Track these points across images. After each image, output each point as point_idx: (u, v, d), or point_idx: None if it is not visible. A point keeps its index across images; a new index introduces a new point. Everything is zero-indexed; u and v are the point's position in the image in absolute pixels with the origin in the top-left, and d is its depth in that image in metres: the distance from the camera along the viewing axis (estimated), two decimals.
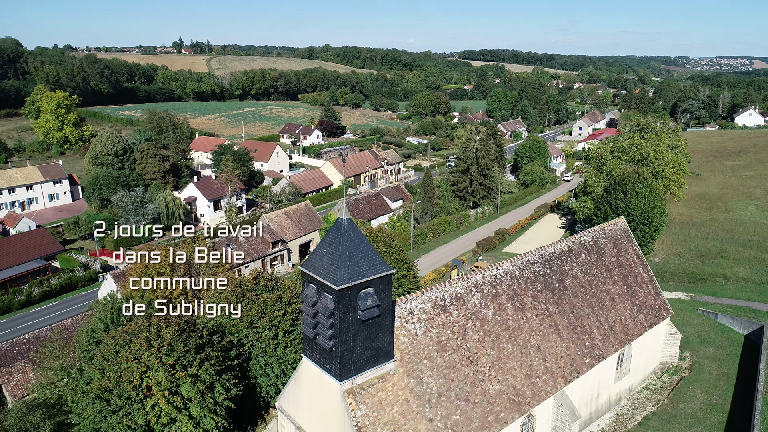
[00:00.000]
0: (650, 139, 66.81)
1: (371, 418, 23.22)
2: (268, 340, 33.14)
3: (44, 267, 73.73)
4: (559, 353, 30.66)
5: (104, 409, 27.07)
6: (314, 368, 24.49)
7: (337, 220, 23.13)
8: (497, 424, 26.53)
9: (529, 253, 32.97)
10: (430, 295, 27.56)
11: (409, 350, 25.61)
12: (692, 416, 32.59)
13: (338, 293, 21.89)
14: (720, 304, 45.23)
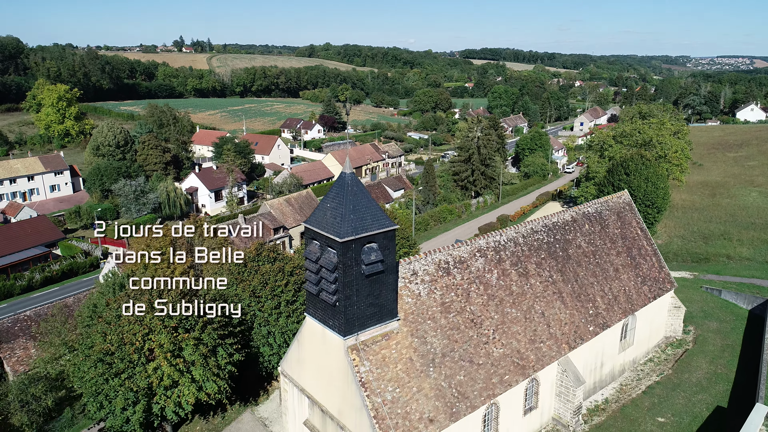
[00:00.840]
0: (653, 124, 66.61)
1: (375, 374, 23.06)
2: (270, 310, 32.98)
3: (45, 254, 73.64)
4: (563, 320, 30.49)
5: (106, 372, 26.93)
6: (317, 326, 24.34)
7: (340, 175, 22.99)
8: (501, 386, 26.37)
9: (532, 221, 32.83)
10: (433, 258, 27.41)
11: (413, 310, 25.46)
12: (697, 385, 32.41)
13: (342, 246, 21.73)
14: (723, 281, 45.08)
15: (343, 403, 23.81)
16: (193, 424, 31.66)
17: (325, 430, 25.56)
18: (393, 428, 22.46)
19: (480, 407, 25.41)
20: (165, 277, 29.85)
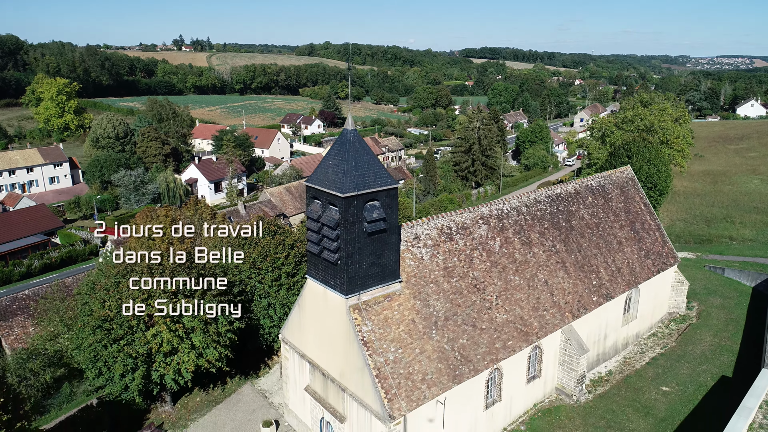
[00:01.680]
0: (654, 110, 66.36)
1: (377, 334, 22.78)
2: (270, 282, 32.66)
3: (44, 242, 73.34)
4: (566, 289, 30.21)
5: (104, 338, 26.59)
6: (319, 288, 24.06)
7: (342, 132, 22.71)
8: (504, 351, 26.09)
9: (535, 192, 32.56)
10: (436, 223, 27.14)
11: (416, 273, 25.18)
12: (701, 356, 32.12)
13: (344, 202, 21.46)
14: (727, 260, 44.80)
15: (345, 364, 23.53)
16: (193, 396, 31.35)
17: (327, 394, 25.27)
18: (395, 388, 22.17)
19: (483, 371, 25.11)
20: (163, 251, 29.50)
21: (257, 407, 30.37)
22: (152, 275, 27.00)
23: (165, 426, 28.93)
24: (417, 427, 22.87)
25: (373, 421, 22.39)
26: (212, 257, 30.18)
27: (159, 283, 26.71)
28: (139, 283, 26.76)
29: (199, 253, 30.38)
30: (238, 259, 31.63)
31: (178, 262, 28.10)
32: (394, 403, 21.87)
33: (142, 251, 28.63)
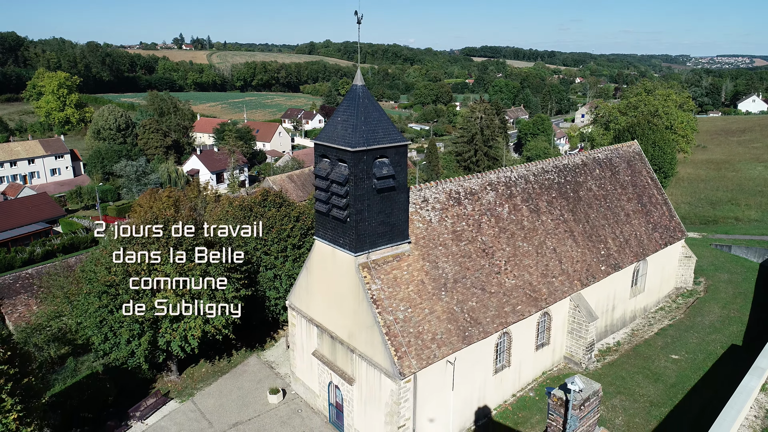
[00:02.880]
0: (658, 96, 66.18)
1: (386, 293, 22.57)
2: (276, 253, 32.46)
3: (46, 230, 73.12)
4: (575, 257, 30.01)
5: (110, 303, 26.38)
6: (327, 248, 23.85)
7: (351, 87, 22.50)
8: (514, 315, 25.87)
9: (542, 162, 32.37)
10: (444, 187, 26.95)
11: (424, 235, 24.98)
12: (710, 327, 31.91)
13: (353, 157, 21.26)
14: (733, 239, 44.58)
15: (353, 324, 23.31)
16: (199, 367, 31.14)
17: (335, 357, 25.05)
18: (405, 346, 21.95)
19: (493, 334, 24.89)
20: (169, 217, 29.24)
21: (263, 377, 30.16)
22: (158, 240, 26.77)
23: (171, 394, 28.72)
24: (427, 387, 22.65)
25: (383, 380, 22.18)
26: (220, 232, 29.89)
27: (165, 254, 26.46)
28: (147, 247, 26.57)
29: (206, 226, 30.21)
30: (245, 232, 30.89)
31: (186, 233, 27.81)
32: (404, 360, 21.65)
33: (147, 225, 28.33)
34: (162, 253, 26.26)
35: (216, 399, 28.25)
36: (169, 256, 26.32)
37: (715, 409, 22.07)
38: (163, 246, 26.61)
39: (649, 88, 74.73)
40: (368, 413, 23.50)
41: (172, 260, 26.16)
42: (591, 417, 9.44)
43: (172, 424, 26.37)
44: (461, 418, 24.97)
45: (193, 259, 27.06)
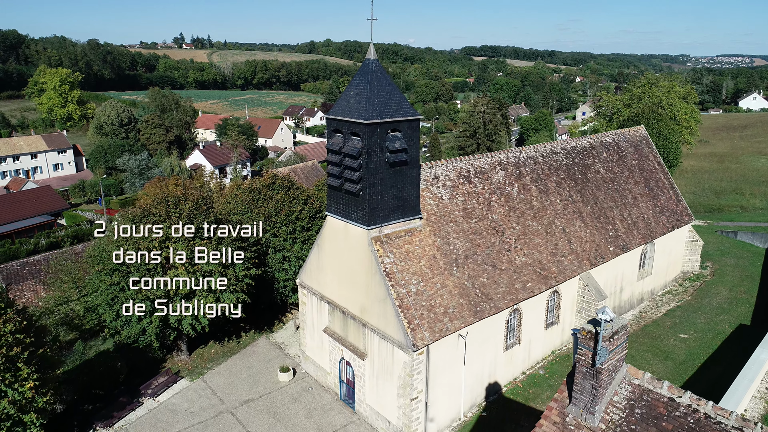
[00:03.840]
0: (662, 87, 66.29)
1: (399, 266, 22.66)
2: (285, 235, 32.55)
3: (50, 222, 73.19)
4: (583, 237, 30.11)
5: (122, 281, 26.45)
6: (339, 223, 23.95)
7: (364, 61, 22.60)
8: (524, 292, 25.97)
9: (550, 143, 32.48)
10: (454, 165, 27.07)
11: (435, 212, 25.08)
12: (718, 307, 32.01)
13: (367, 130, 21.36)
14: (739, 226, 44.67)
15: (366, 299, 23.39)
16: (208, 348, 31.22)
17: (347, 333, 25.13)
18: (418, 319, 22.04)
19: (504, 310, 24.99)
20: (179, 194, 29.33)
21: (273, 357, 30.25)
22: (169, 218, 26.87)
23: (181, 374, 28.79)
24: (439, 361, 22.73)
25: (395, 353, 22.26)
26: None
27: (176, 228, 26.54)
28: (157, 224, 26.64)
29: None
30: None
31: (195, 210, 27.93)
32: (417, 333, 21.74)
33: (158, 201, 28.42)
34: (173, 230, 26.31)
35: (226, 378, 28.34)
36: (180, 232, 26.40)
37: (726, 384, 22.24)
38: (175, 222, 26.68)
39: (652, 81, 74.86)
40: (380, 387, 23.59)
41: (182, 234, 26.22)
42: (619, 352, 9.53)
43: (184, 401, 26.46)
44: (472, 393, 25.06)
45: (203, 236, 27.14)
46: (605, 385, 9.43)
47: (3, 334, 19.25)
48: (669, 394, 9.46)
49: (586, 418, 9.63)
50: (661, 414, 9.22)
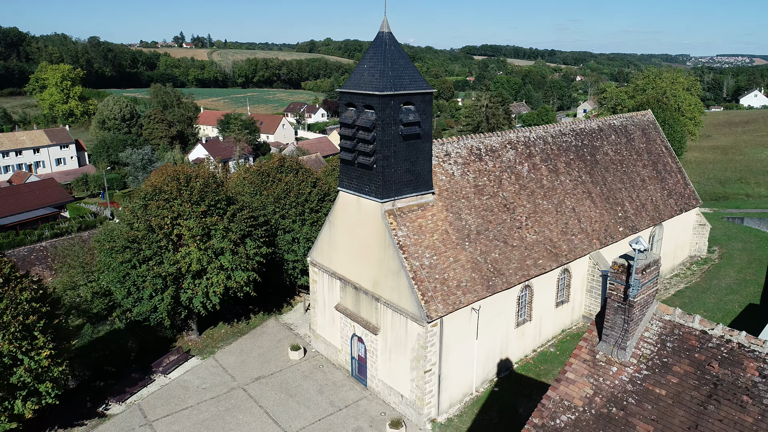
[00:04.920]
0: (666, 79, 66.37)
1: (412, 240, 22.70)
2: (294, 216, 32.57)
3: (54, 214, 73.20)
4: (593, 217, 30.15)
5: (133, 258, 26.47)
6: (352, 198, 23.98)
7: (378, 35, 22.62)
8: (535, 269, 26.00)
9: (559, 124, 32.52)
10: (465, 143, 27.10)
11: (447, 188, 25.12)
12: (726, 288, 32.05)
13: (380, 102, 21.40)
14: (745, 212, 44.72)
15: (379, 272, 23.41)
16: (218, 328, 31.23)
17: (359, 309, 25.16)
18: (431, 291, 22.07)
19: (515, 286, 25.03)
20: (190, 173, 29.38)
21: (283, 337, 30.27)
22: (181, 194, 26.91)
23: (192, 353, 28.80)
24: (452, 334, 22.76)
25: (409, 325, 22.29)
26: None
27: (190, 201, 26.60)
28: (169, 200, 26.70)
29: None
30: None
31: (206, 188, 27.97)
32: (431, 305, 21.77)
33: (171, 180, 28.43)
34: (183, 204, 26.38)
35: (237, 356, 28.36)
36: (191, 210, 26.45)
37: None
38: (186, 201, 26.73)
39: (656, 73, 74.94)
40: (393, 362, 23.62)
41: (191, 209, 26.29)
42: (651, 287, 9.56)
43: (195, 378, 26.47)
44: (484, 369, 25.09)
45: (214, 214, 27.19)
46: (636, 319, 9.46)
47: (20, 302, 19.28)
48: (701, 327, 9.49)
49: (617, 353, 9.66)
50: (694, 346, 9.25)
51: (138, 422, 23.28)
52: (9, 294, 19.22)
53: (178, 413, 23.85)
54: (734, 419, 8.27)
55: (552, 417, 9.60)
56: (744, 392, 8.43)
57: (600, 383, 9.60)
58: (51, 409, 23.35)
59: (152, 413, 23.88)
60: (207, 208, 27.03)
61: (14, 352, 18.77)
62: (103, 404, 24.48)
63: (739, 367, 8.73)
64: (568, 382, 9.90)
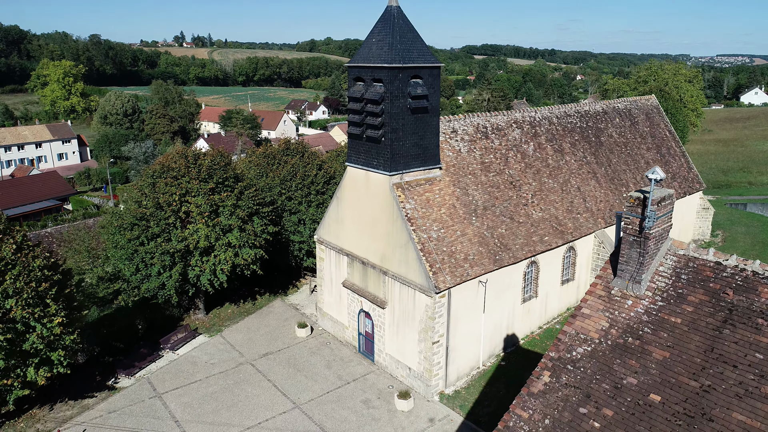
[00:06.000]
0: (668, 70, 66.59)
1: (420, 213, 22.87)
2: (300, 198, 32.74)
3: (57, 206, 73.28)
4: (598, 197, 30.32)
5: (141, 235, 26.62)
6: (360, 173, 24.16)
7: (386, 8, 22.77)
8: (541, 245, 26.17)
9: (564, 106, 32.70)
10: (472, 120, 27.27)
11: (454, 164, 25.28)
12: None
13: (389, 74, 21.57)
14: (748, 199, 44.88)
15: (386, 246, 23.57)
16: (224, 308, 31.38)
17: (366, 284, 25.31)
18: (439, 263, 22.23)
19: (522, 261, 25.19)
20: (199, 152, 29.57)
21: (289, 316, 30.43)
22: (189, 171, 27.07)
23: (199, 331, 28.94)
24: (460, 307, 22.92)
25: (417, 297, 22.45)
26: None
27: (198, 178, 26.77)
28: (177, 179, 26.87)
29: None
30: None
31: (214, 165, 28.15)
32: (439, 276, 21.93)
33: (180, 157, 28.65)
34: (192, 181, 26.54)
35: (244, 334, 28.52)
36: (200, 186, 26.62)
37: None
38: (194, 178, 26.89)
39: (658, 65, 75.14)
40: (400, 335, 23.77)
41: (199, 186, 26.45)
42: (666, 221, 9.72)
43: (203, 354, 26.63)
44: (491, 343, 25.25)
45: (222, 191, 27.35)
46: (652, 253, 9.62)
47: (32, 269, 19.44)
48: (715, 258, 9.66)
49: (633, 287, 9.82)
50: (708, 276, 9.41)
51: (148, 394, 23.44)
52: (22, 261, 19.38)
53: (187, 386, 24.00)
54: (749, 341, 8.43)
55: (568, 350, 9.75)
56: (759, 315, 8.59)
57: (615, 316, 9.76)
58: (61, 382, 23.57)
59: (161, 386, 24.04)
60: (215, 186, 27.20)
61: (27, 318, 18.93)
62: (112, 378, 24.63)
63: (754, 293, 8.89)
64: (583, 317, 10.06)
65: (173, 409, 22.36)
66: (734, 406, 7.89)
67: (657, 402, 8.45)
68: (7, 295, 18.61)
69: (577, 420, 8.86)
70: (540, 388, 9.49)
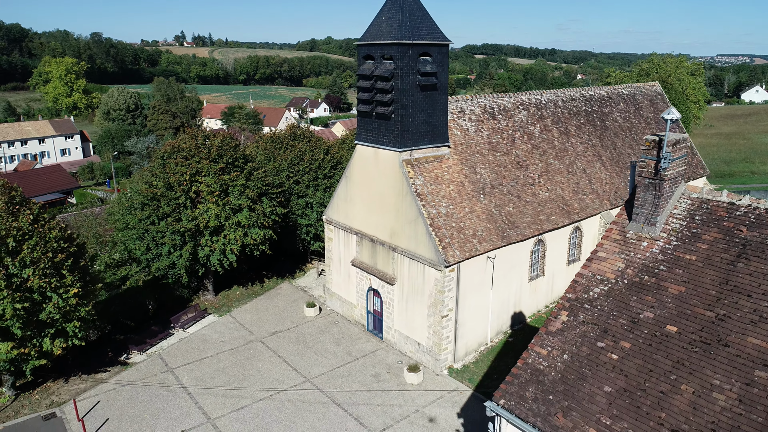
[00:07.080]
0: (670, 63, 66.83)
1: (429, 189, 23.15)
2: (308, 182, 33.02)
3: (61, 200, 73.52)
4: (603, 179, 30.60)
5: (152, 214, 26.91)
6: (369, 150, 24.44)
7: None
8: (548, 224, 26.45)
9: (569, 90, 32.99)
10: (479, 101, 27.55)
11: (462, 143, 25.56)
12: None
13: (399, 50, 21.85)
14: (751, 187, 45.17)
15: (396, 222, 23.85)
16: (233, 291, 31.65)
17: (375, 261, 25.58)
18: (448, 238, 22.51)
19: (529, 238, 25.48)
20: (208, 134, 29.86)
21: (298, 297, 30.72)
22: (199, 151, 27.35)
23: (209, 311, 29.22)
24: (469, 282, 23.19)
25: (426, 271, 22.73)
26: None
27: (208, 158, 27.05)
28: (187, 159, 27.15)
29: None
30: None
31: (224, 145, 28.43)
32: (449, 250, 22.21)
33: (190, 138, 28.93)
34: (202, 161, 26.82)
35: (253, 314, 28.80)
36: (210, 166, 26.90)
37: None
38: (204, 158, 27.17)
39: (660, 58, 75.34)
40: (409, 311, 24.05)
41: (209, 165, 26.73)
42: (680, 164, 9.99)
43: (213, 332, 26.90)
44: (499, 320, 25.53)
45: (232, 171, 27.63)
46: (667, 195, 9.90)
47: (48, 239, 19.72)
48: (728, 199, 9.94)
49: (648, 230, 10.09)
50: (722, 216, 9.69)
51: (160, 369, 23.72)
52: (38, 231, 19.66)
53: (198, 362, 24.28)
54: (763, 272, 8.71)
55: (585, 290, 10.03)
56: None
57: (631, 257, 10.03)
58: (74, 357, 23.86)
59: (173, 362, 24.32)
60: (225, 165, 27.48)
61: (44, 288, 19.21)
62: (124, 354, 24.90)
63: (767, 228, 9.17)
64: (599, 260, 10.33)
65: (185, 383, 22.64)
66: (749, 332, 8.17)
67: (674, 332, 8.72)
68: (25, 264, 18.88)
69: (596, 353, 9.13)
70: (558, 327, 9.76)
